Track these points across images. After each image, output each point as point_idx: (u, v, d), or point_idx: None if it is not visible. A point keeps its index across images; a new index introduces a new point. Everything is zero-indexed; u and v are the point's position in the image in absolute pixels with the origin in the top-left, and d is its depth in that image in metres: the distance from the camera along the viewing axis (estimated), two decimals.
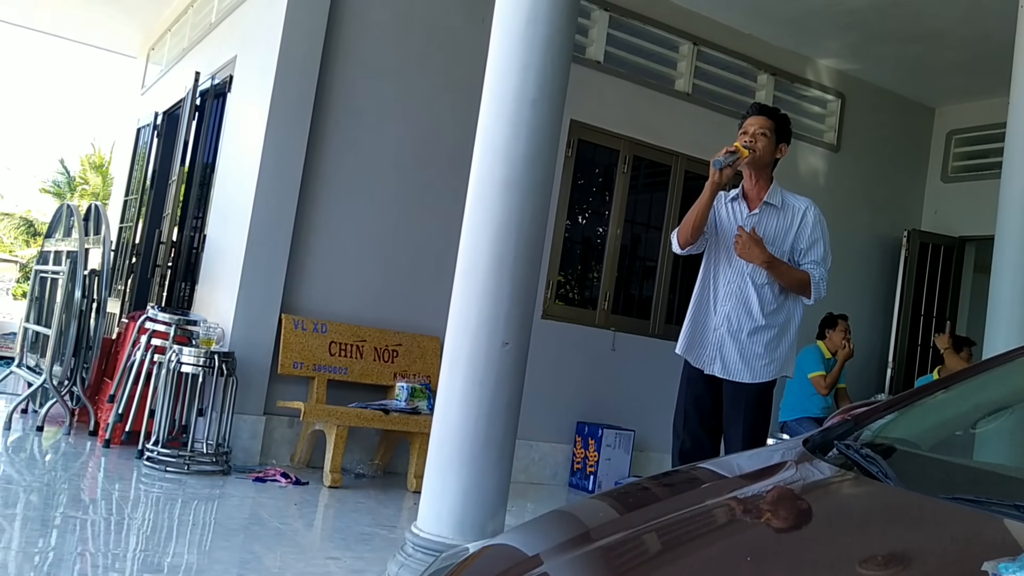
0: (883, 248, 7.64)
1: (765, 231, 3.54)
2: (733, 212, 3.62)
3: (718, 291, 3.59)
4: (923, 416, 1.99)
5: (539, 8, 3.10)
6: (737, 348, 3.52)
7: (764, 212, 3.57)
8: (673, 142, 6.49)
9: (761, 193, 3.59)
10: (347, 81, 5.46)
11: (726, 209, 3.63)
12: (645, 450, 6.25)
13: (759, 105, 3.77)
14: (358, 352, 5.42)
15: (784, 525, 1.58)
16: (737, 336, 3.52)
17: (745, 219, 3.58)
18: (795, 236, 3.56)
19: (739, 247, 3.47)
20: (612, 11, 6.29)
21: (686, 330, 3.67)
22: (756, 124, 3.58)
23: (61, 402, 5.53)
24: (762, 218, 3.57)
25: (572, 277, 6.33)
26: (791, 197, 3.64)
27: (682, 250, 3.65)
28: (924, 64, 6.98)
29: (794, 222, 3.57)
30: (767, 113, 3.65)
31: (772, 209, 3.57)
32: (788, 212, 3.58)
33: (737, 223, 3.57)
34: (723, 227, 3.62)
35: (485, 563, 1.61)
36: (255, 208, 5.19)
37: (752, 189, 3.61)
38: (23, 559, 3.02)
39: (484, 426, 3.03)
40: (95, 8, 8.78)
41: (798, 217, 3.57)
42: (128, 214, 8.24)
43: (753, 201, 3.61)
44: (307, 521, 4.22)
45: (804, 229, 3.56)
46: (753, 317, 3.51)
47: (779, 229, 3.56)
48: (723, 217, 3.63)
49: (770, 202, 3.57)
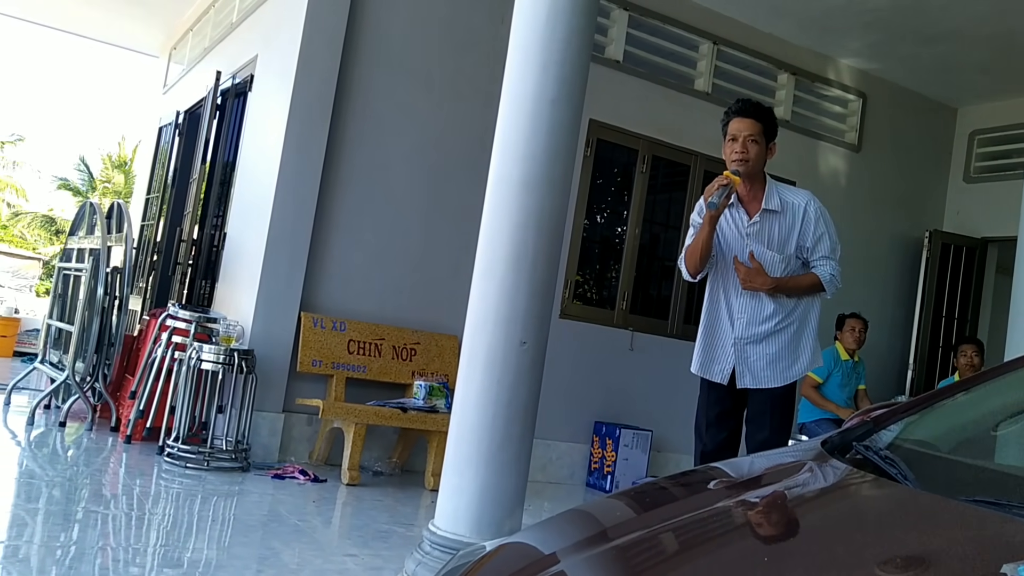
0: (904, 249, 7.58)
1: (768, 236, 3.47)
2: (733, 221, 3.52)
3: (731, 303, 3.51)
4: (943, 418, 1.98)
5: (559, 8, 3.10)
6: (762, 355, 3.47)
7: (764, 218, 3.47)
8: (692, 142, 6.47)
9: (758, 195, 3.48)
10: (367, 80, 5.48)
11: (725, 219, 3.52)
12: (663, 450, 6.24)
13: (743, 104, 3.51)
14: (376, 350, 5.44)
15: (803, 526, 1.57)
16: (760, 344, 3.47)
17: (747, 227, 3.49)
18: (800, 235, 3.47)
19: (743, 281, 3.43)
20: (631, 10, 6.27)
21: (701, 348, 3.58)
22: (745, 130, 3.41)
23: (83, 398, 5.59)
24: (763, 225, 3.47)
25: (590, 277, 6.32)
26: (789, 194, 3.52)
27: (695, 279, 3.59)
28: (946, 63, 6.92)
29: (796, 221, 3.46)
30: (753, 115, 3.44)
31: (772, 214, 3.47)
32: (788, 212, 3.47)
33: (739, 231, 3.49)
34: (726, 239, 3.52)
35: (502, 561, 1.61)
36: (275, 207, 5.22)
37: (747, 193, 3.49)
38: (45, 552, 3.06)
39: (502, 425, 3.03)
40: (118, 8, 8.87)
41: (799, 215, 3.46)
42: (150, 212, 8.31)
43: (751, 205, 3.49)
44: (325, 518, 4.24)
45: (808, 226, 3.46)
46: (772, 321, 3.47)
47: (782, 232, 3.47)
48: (724, 228, 3.52)
49: (769, 208, 3.46)
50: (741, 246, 3.50)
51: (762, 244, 3.47)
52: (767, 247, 3.46)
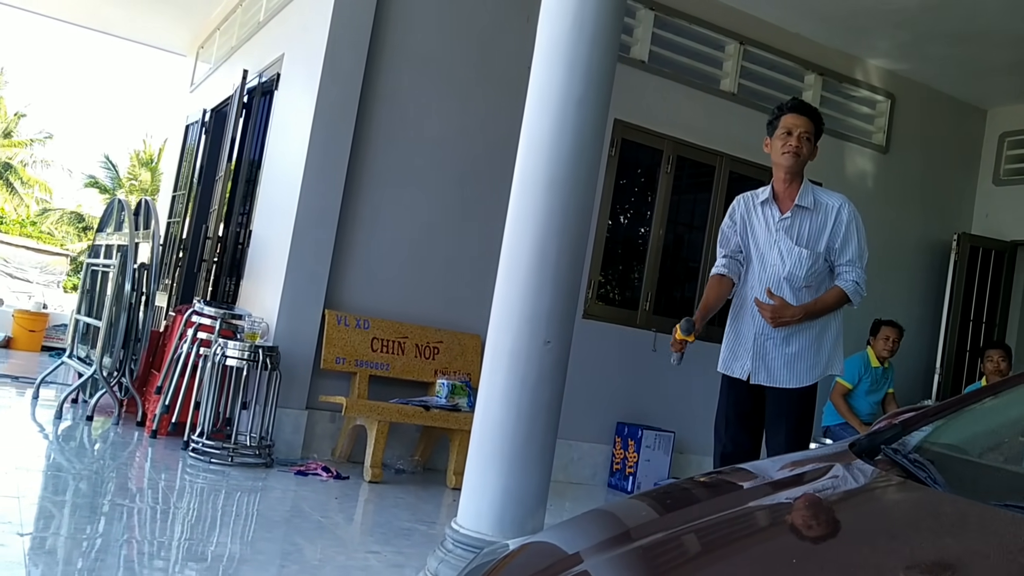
0: (932, 252, 7.50)
1: (799, 233, 3.48)
2: (765, 217, 3.56)
3: None
4: (972, 422, 1.95)
5: (586, 7, 3.09)
6: (781, 355, 3.47)
7: (796, 215, 3.49)
8: (718, 142, 6.44)
9: (793, 194, 3.51)
10: (392, 78, 5.49)
11: (757, 216, 3.57)
12: (685, 452, 6.21)
13: (799, 103, 3.61)
14: (400, 348, 5.46)
15: (830, 529, 1.56)
16: (779, 342, 3.48)
17: (777, 222, 3.51)
18: (830, 236, 3.48)
19: (771, 321, 3.45)
20: (658, 10, 6.25)
21: (726, 345, 3.64)
22: (801, 126, 3.48)
23: (110, 393, 5.65)
24: (794, 221, 3.49)
25: (613, 277, 6.31)
26: (824, 195, 3.54)
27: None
28: (976, 64, 6.84)
29: (827, 222, 3.48)
30: (809, 114, 3.55)
31: (804, 211, 3.49)
32: (821, 212, 3.49)
33: (770, 227, 3.52)
34: (756, 236, 3.57)
35: (525, 560, 1.61)
36: (300, 204, 5.25)
37: (784, 191, 3.53)
38: (72, 545, 3.09)
39: (525, 424, 3.03)
40: (148, 7, 8.95)
41: (831, 216, 3.48)
42: (176, 209, 8.39)
43: (784, 202, 3.53)
44: (348, 515, 4.26)
45: (839, 228, 3.47)
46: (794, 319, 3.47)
47: (812, 230, 3.48)
48: (754, 226, 3.58)
49: (802, 204, 3.48)
50: (770, 241, 3.50)
51: (791, 239, 3.48)
52: (796, 243, 3.47)
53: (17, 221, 29.50)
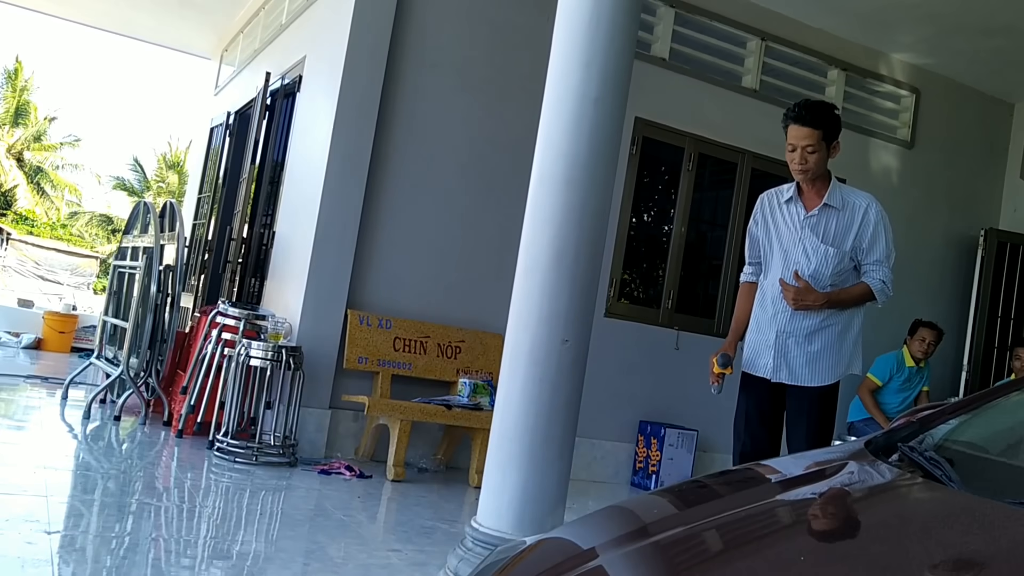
0: (959, 247, 7.42)
1: (825, 230, 3.45)
2: (789, 215, 3.52)
3: (778, 297, 3.52)
4: (991, 420, 1.94)
5: (602, 6, 3.09)
6: (802, 353, 3.45)
7: (822, 213, 3.44)
8: (739, 139, 6.41)
9: (820, 192, 3.45)
10: (412, 79, 5.52)
11: (782, 214, 3.53)
12: (708, 450, 6.19)
13: (799, 111, 3.36)
14: (422, 348, 5.49)
15: (844, 527, 1.56)
16: (801, 340, 3.45)
17: (802, 220, 3.48)
18: (856, 235, 3.43)
19: (793, 303, 3.44)
20: (678, 7, 6.23)
21: (749, 342, 3.63)
22: (803, 139, 3.33)
23: (137, 393, 5.72)
24: (820, 219, 3.45)
25: (636, 275, 6.30)
26: (851, 194, 3.48)
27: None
28: (1002, 58, 6.75)
29: (854, 220, 3.43)
30: (810, 122, 3.33)
31: (831, 210, 3.44)
32: (848, 210, 3.43)
33: (794, 225, 3.49)
34: (781, 233, 3.53)
35: (541, 555, 1.62)
36: (322, 206, 5.29)
37: (810, 190, 3.48)
38: (100, 543, 3.14)
39: (544, 422, 3.03)
40: (173, 12, 9.05)
41: (859, 215, 3.43)
42: (201, 211, 8.47)
43: (810, 200, 3.48)
44: (370, 514, 4.29)
45: (866, 227, 3.42)
46: (817, 318, 3.45)
47: (839, 229, 3.44)
48: (779, 223, 3.54)
49: (829, 203, 3.43)
50: (795, 239, 3.48)
51: (817, 237, 3.45)
52: (821, 240, 3.44)
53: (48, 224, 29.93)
